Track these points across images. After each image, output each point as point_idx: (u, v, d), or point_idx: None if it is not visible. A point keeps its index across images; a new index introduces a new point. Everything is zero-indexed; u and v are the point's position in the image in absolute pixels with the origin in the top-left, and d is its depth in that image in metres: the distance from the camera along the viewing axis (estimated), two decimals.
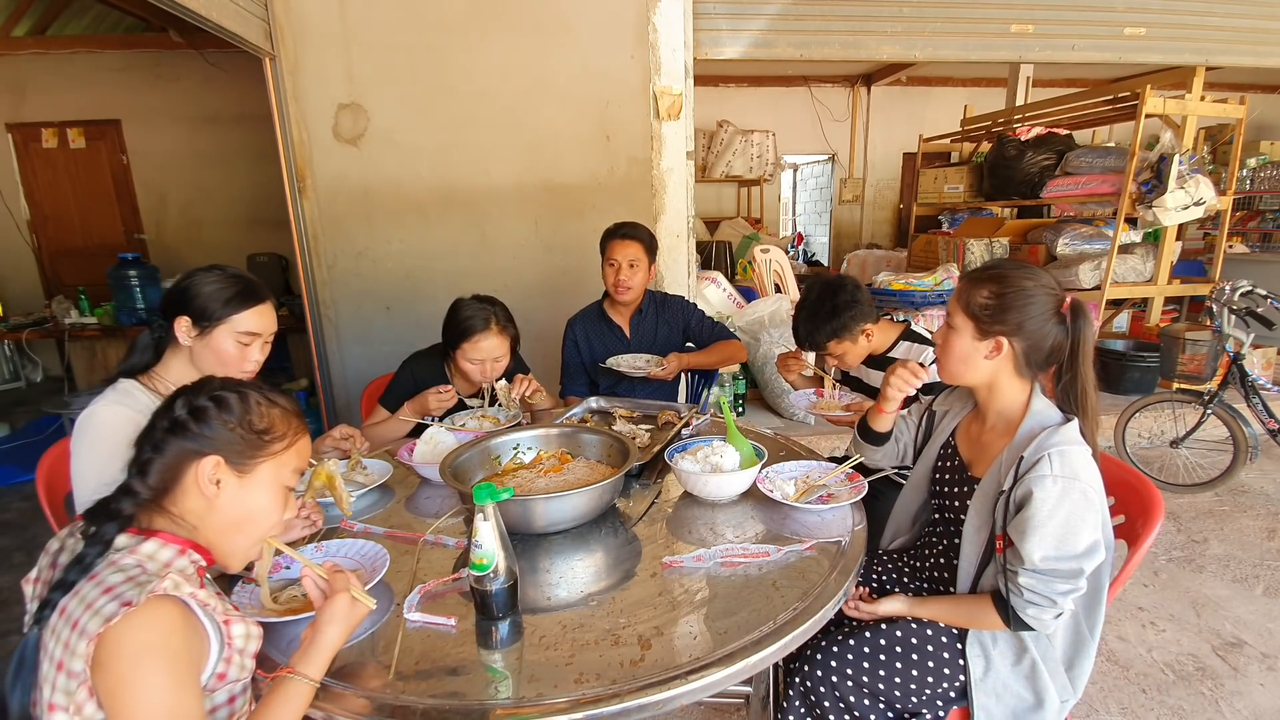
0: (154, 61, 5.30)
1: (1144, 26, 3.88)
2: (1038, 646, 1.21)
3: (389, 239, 3.33)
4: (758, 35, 3.51)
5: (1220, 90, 7.47)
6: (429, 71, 3.16)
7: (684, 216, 3.47)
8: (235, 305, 1.42)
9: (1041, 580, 1.10)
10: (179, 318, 1.40)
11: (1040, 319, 1.19)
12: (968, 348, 1.23)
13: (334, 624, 0.91)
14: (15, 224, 5.47)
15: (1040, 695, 1.21)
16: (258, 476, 0.95)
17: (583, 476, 1.48)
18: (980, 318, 1.21)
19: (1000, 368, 1.23)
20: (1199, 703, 1.93)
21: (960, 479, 1.33)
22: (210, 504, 0.91)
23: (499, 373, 2.02)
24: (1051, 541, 1.09)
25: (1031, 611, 1.12)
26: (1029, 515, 1.11)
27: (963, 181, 5.85)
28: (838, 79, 8.39)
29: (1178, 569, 2.64)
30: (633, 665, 0.94)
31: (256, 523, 0.96)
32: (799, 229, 10.08)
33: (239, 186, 5.53)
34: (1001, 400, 1.26)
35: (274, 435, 0.96)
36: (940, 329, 1.30)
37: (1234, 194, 4.40)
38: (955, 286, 1.30)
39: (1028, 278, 1.21)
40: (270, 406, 0.97)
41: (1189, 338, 3.37)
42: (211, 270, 1.44)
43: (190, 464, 0.90)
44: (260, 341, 1.47)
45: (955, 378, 1.28)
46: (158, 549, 0.87)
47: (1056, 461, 1.11)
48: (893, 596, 1.29)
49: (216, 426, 0.92)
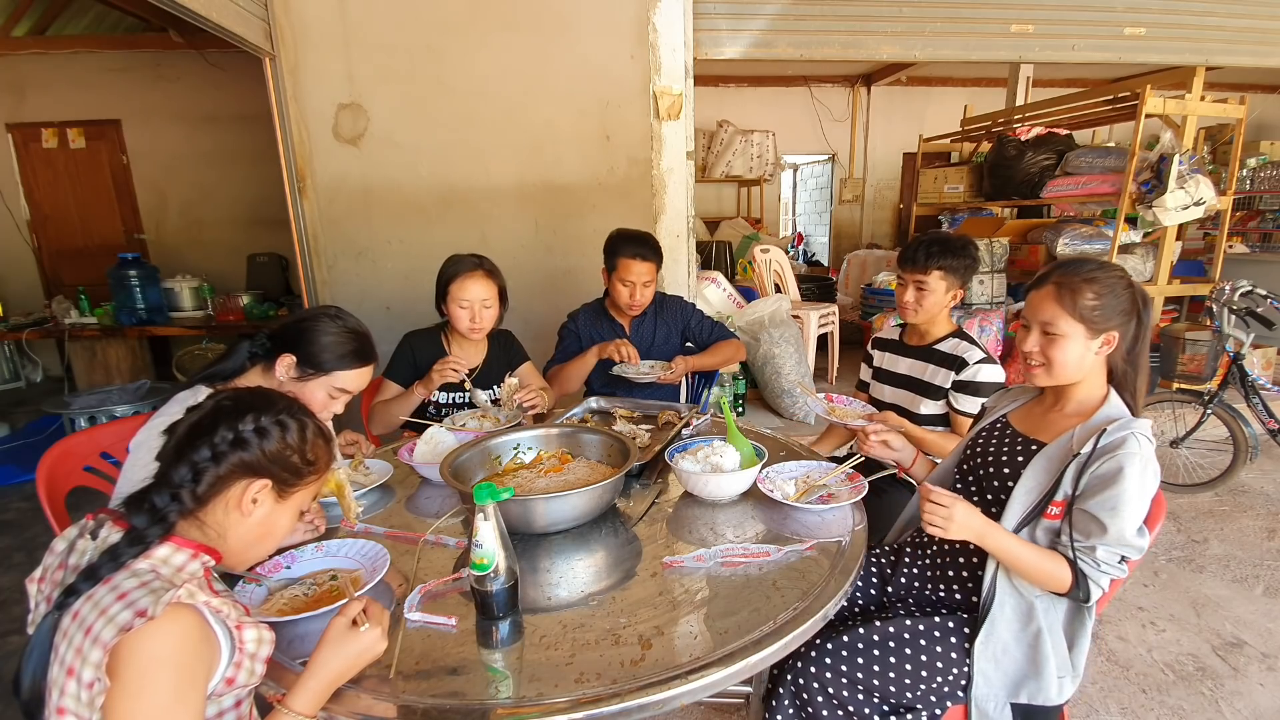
0: (154, 61, 5.30)
1: (1144, 26, 3.88)
2: (1046, 617, 1.23)
3: (389, 239, 3.33)
4: (758, 35, 3.51)
5: (1220, 90, 7.47)
6: (429, 71, 3.16)
7: (684, 216, 3.47)
8: (346, 363, 1.44)
9: (1114, 552, 1.14)
10: (285, 354, 1.41)
11: (1130, 309, 1.24)
12: (1082, 349, 1.24)
13: (324, 648, 0.88)
14: (15, 224, 5.47)
15: (1040, 665, 1.22)
16: (292, 501, 0.97)
17: (583, 476, 1.48)
18: (1091, 319, 1.23)
19: (1100, 360, 1.27)
20: (1199, 703, 1.93)
21: (1013, 441, 1.34)
22: (241, 520, 0.91)
23: (489, 322, 2.08)
24: (1138, 518, 1.14)
25: (1102, 581, 1.15)
26: (1120, 491, 1.13)
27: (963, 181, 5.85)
28: (838, 79, 8.39)
29: (1178, 569, 2.64)
30: (633, 665, 0.94)
31: (274, 538, 0.97)
32: (799, 229, 10.07)
33: (239, 186, 5.53)
34: (1084, 390, 1.29)
35: (318, 467, 0.98)
36: (1032, 340, 1.29)
37: (1234, 194, 4.40)
38: (1033, 295, 1.29)
39: (1115, 272, 1.26)
40: (320, 438, 0.98)
41: (1189, 338, 3.37)
42: (336, 319, 1.46)
43: (240, 481, 0.90)
44: (347, 397, 1.48)
45: (1066, 380, 1.28)
46: (171, 553, 0.86)
47: (1144, 444, 1.16)
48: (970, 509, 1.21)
49: (278, 451, 0.92)
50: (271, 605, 1.09)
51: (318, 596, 1.11)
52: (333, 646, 0.88)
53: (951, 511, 1.17)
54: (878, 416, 1.81)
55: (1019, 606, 1.24)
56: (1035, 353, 1.28)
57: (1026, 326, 1.31)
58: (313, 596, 1.12)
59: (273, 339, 1.45)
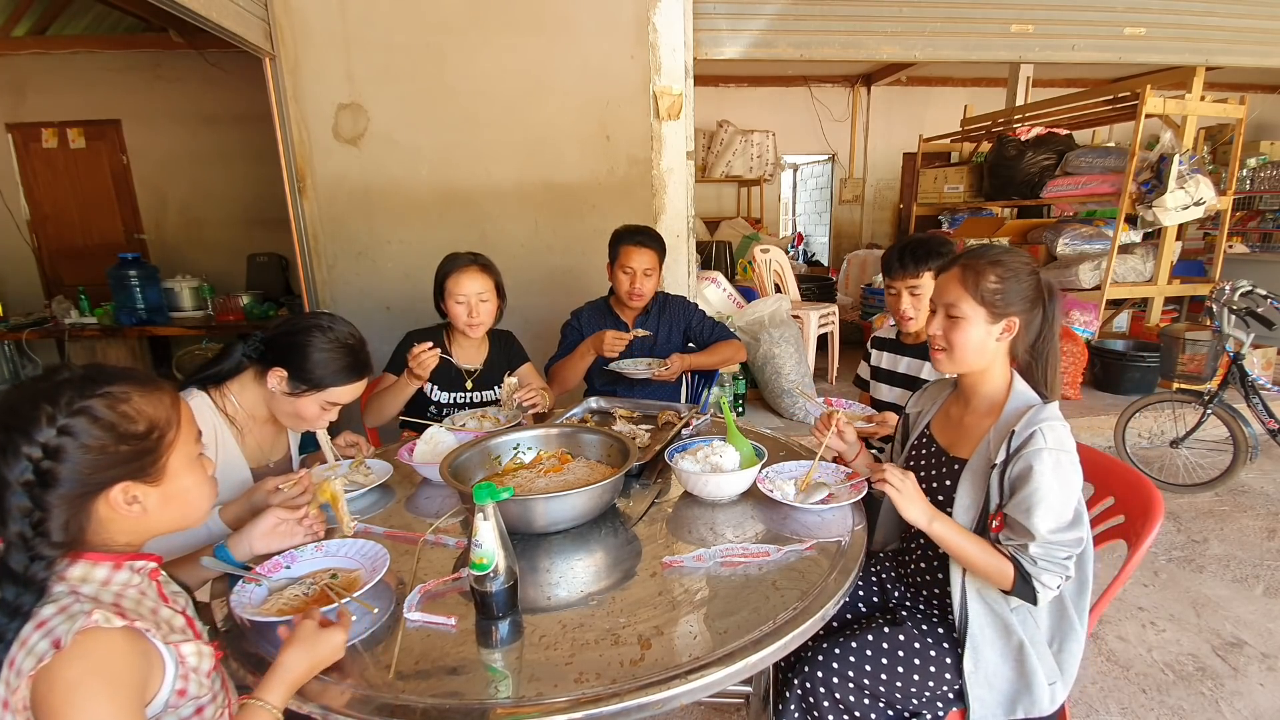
0: (154, 61, 5.29)
1: (1144, 26, 3.88)
2: (1024, 628, 1.22)
3: (389, 239, 3.33)
4: (758, 35, 3.51)
5: (1220, 90, 7.46)
6: (429, 71, 3.17)
7: (684, 216, 3.47)
8: (338, 379, 1.43)
9: (1049, 550, 1.13)
10: (276, 369, 1.39)
11: (1035, 297, 1.24)
12: (982, 333, 1.24)
13: (292, 647, 0.89)
14: (15, 224, 5.46)
15: (1029, 678, 1.21)
16: (171, 471, 0.86)
17: (583, 476, 1.48)
18: (993, 302, 1.22)
19: (1001, 348, 1.26)
20: (1199, 703, 1.93)
21: (940, 462, 1.34)
22: (143, 516, 0.84)
23: (487, 316, 2.08)
24: (1055, 513, 1.13)
25: (1045, 578, 1.14)
26: (1032, 490, 1.13)
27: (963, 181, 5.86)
28: (838, 79, 8.39)
29: (1178, 569, 2.64)
30: (633, 665, 0.94)
31: (193, 500, 0.90)
32: (799, 229, 10.07)
33: (239, 186, 5.52)
34: (990, 383, 1.29)
35: (159, 427, 0.85)
36: (936, 323, 1.29)
37: (1234, 194, 4.40)
38: (943, 279, 1.29)
39: (1021, 259, 1.25)
40: (136, 398, 0.83)
41: (1189, 338, 3.37)
42: (328, 332, 1.43)
43: (92, 502, 0.80)
44: (340, 407, 1.48)
45: (967, 366, 1.28)
46: (88, 570, 0.81)
47: (1050, 435, 1.15)
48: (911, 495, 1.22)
49: (94, 456, 0.79)
50: (271, 605, 1.09)
51: (317, 596, 1.11)
52: (301, 646, 0.90)
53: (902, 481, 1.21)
54: (877, 417, 1.81)
55: (995, 623, 1.23)
56: (939, 336, 1.28)
57: (934, 310, 1.30)
58: (313, 596, 1.12)
59: (267, 345, 1.44)
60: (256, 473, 1.51)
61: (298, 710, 0.90)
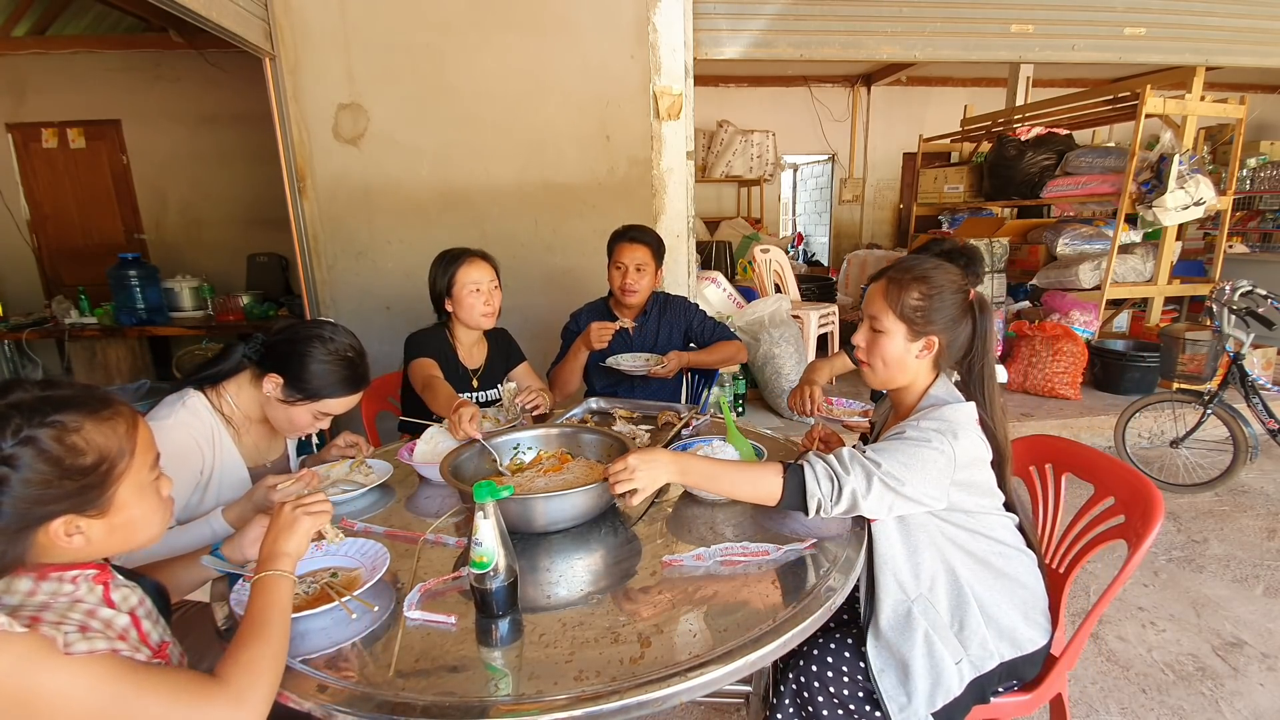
0: (154, 61, 5.30)
1: (1144, 26, 3.88)
2: (927, 617, 1.21)
3: (389, 239, 3.33)
4: (758, 35, 3.51)
5: (1220, 90, 7.47)
6: (429, 71, 3.17)
7: (684, 216, 3.47)
8: (335, 391, 1.42)
9: (851, 463, 1.13)
10: (274, 374, 1.39)
11: (959, 314, 1.23)
12: (901, 349, 1.24)
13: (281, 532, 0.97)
14: (15, 224, 5.46)
15: (939, 666, 1.19)
16: (119, 503, 0.83)
17: (583, 476, 1.48)
18: (913, 319, 1.22)
19: (923, 365, 1.26)
20: (1199, 703, 1.93)
21: None
22: (85, 545, 0.81)
23: (499, 303, 2.09)
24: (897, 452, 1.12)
25: (820, 467, 1.13)
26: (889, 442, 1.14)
27: (963, 181, 5.86)
28: (838, 79, 8.39)
29: (1178, 569, 2.64)
30: (632, 663, 0.94)
31: (141, 528, 0.88)
32: (799, 229, 10.08)
33: (239, 186, 5.53)
34: (912, 393, 1.30)
35: (109, 459, 0.80)
36: (861, 334, 1.29)
37: (1234, 194, 4.40)
38: (870, 289, 1.29)
39: (948, 275, 1.24)
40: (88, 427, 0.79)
41: (1189, 338, 3.37)
42: (329, 343, 1.41)
43: (30, 534, 0.77)
44: (331, 417, 1.48)
45: (887, 382, 1.29)
46: (9, 582, 0.78)
47: (925, 420, 1.17)
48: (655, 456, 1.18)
49: (35, 490, 0.74)
50: None
51: (318, 594, 1.11)
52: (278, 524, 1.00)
53: (630, 465, 1.16)
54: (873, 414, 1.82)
55: (898, 619, 1.21)
56: (862, 348, 1.28)
57: (861, 319, 1.31)
58: (312, 595, 1.12)
59: (267, 350, 1.43)
60: (254, 472, 1.51)
61: (297, 708, 0.90)
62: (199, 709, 0.77)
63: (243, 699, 0.80)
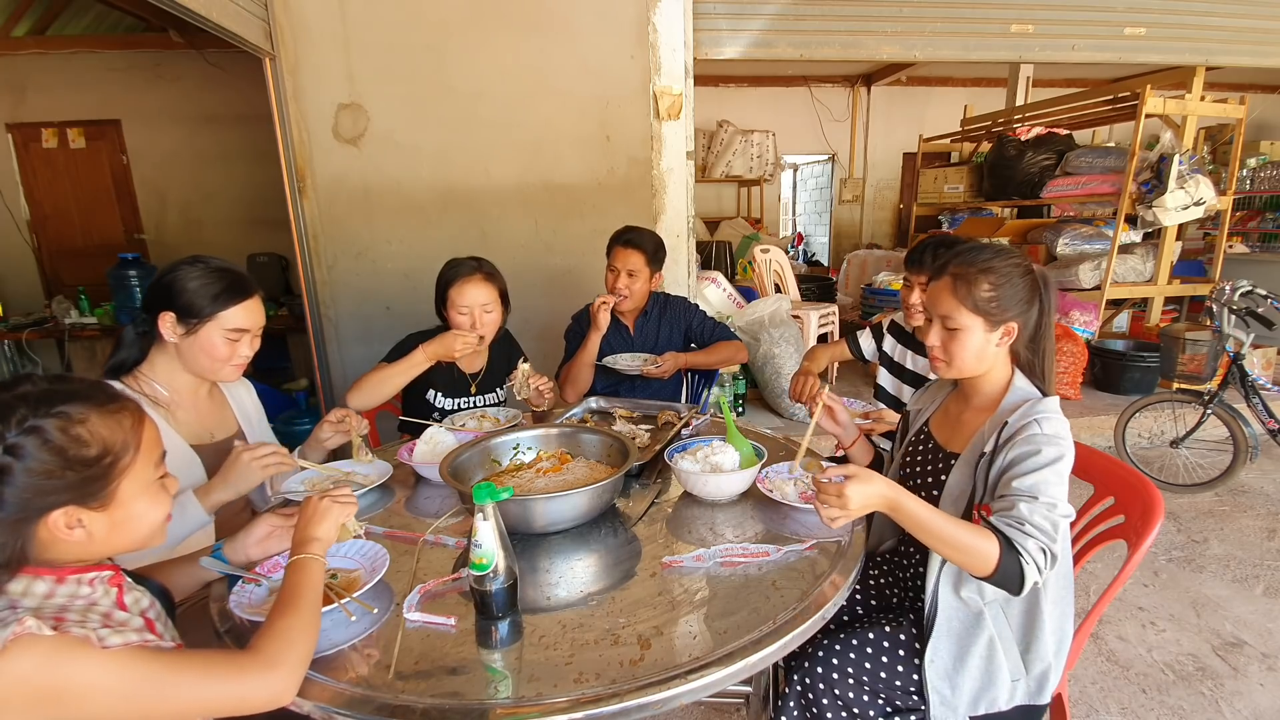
0: (154, 61, 5.30)
1: (1144, 26, 3.88)
2: (995, 624, 1.20)
3: (389, 239, 3.33)
4: (758, 35, 3.51)
5: (1220, 90, 7.47)
6: (429, 71, 3.16)
7: (684, 216, 3.47)
8: (223, 301, 1.38)
9: (1035, 510, 1.06)
10: (163, 314, 1.36)
11: (1030, 295, 1.23)
12: (981, 342, 1.23)
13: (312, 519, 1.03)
14: (15, 224, 5.46)
15: (994, 674, 1.19)
16: (121, 497, 0.83)
17: (582, 476, 1.48)
18: (989, 311, 1.21)
19: (1002, 351, 1.25)
20: (1199, 703, 1.93)
21: (935, 458, 1.34)
22: (82, 544, 0.82)
23: (491, 326, 2.02)
24: (1047, 486, 1.09)
25: (1030, 546, 1.04)
26: (1028, 465, 1.10)
27: (963, 181, 5.86)
28: (838, 79, 8.39)
29: (1178, 569, 2.64)
30: (632, 665, 0.94)
31: (144, 527, 0.88)
32: (799, 229, 10.08)
33: (239, 186, 5.53)
34: (991, 382, 1.28)
35: (113, 452, 0.81)
36: (935, 334, 1.27)
37: (1234, 194, 4.40)
38: (932, 289, 1.27)
39: (1011, 260, 1.23)
40: (93, 419, 0.80)
41: (1189, 338, 3.37)
42: (195, 264, 1.39)
43: (32, 526, 0.77)
44: (249, 336, 1.44)
45: (969, 372, 1.28)
46: (29, 584, 0.79)
47: (1046, 425, 1.14)
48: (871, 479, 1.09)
49: (38, 480, 0.75)
50: (272, 604, 1.09)
51: None
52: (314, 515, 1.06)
53: (844, 489, 1.07)
54: (874, 414, 1.82)
55: (966, 615, 1.21)
56: (937, 348, 1.27)
57: (929, 319, 1.28)
58: None
59: (148, 308, 1.39)
60: (202, 451, 1.45)
61: (297, 710, 0.90)
62: (234, 678, 0.81)
63: (276, 663, 0.84)
